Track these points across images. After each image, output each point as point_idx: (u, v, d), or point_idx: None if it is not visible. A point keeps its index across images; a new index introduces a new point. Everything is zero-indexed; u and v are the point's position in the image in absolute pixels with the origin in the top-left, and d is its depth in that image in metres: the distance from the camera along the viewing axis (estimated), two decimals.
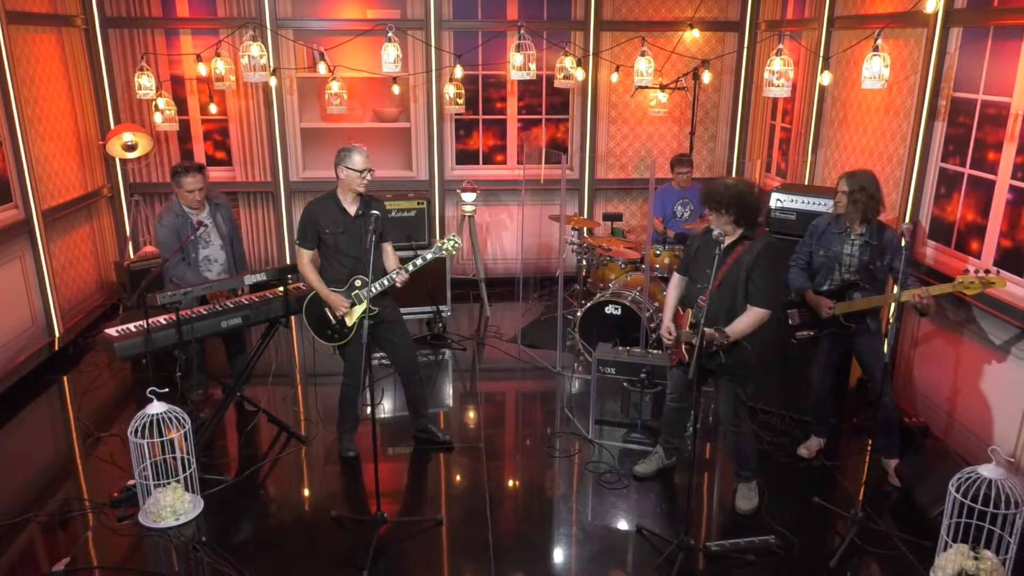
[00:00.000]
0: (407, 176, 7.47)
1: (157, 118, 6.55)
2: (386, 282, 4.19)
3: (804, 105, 6.27)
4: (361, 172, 4.11)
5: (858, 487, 4.41)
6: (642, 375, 4.75)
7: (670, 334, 4.05)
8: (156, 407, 3.87)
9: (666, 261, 6.04)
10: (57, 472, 4.48)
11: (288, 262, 7.49)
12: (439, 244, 4.15)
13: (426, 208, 6.41)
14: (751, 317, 3.76)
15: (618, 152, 7.61)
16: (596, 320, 5.73)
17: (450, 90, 6.88)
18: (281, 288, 4.51)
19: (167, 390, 3.90)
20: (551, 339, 6.22)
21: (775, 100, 6.96)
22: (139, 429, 3.83)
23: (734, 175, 7.41)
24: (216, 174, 7.37)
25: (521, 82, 7.41)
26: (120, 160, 6.96)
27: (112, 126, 6.84)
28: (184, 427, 3.91)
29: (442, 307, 6.45)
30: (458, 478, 4.48)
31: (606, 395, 4.94)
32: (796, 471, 4.51)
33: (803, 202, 4.77)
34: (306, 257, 4.26)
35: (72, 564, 3.62)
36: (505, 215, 7.72)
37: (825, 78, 5.47)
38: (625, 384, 4.82)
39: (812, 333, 4.31)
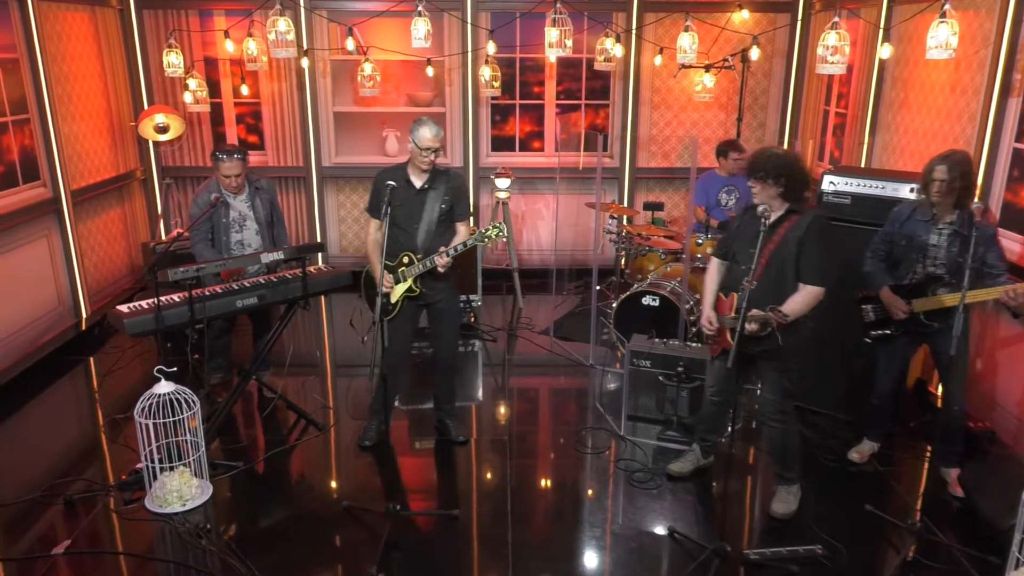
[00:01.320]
0: (441, 162, 7.19)
1: (187, 98, 6.46)
2: (428, 263, 3.91)
3: (861, 86, 5.87)
4: (423, 150, 3.85)
5: (915, 495, 4.04)
6: (679, 369, 4.44)
7: (711, 323, 3.74)
8: (163, 387, 3.70)
9: (708, 251, 5.69)
10: (72, 453, 4.36)
11: (330, 250, 7.34)
12: (482, 230, 3.88)
13: (465, 179, 6.16)
14: (805, 296, 3.44)
15: (660, 139, 7.28)
16: (633, 312, 5.42)
17: (486, 72, 6.65)
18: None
19: (175, 369, 3.73)
20: (585, 332, 5.93)
21: (828, 84, 6.56)
22: (145, 409, 3.67)
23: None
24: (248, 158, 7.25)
25: (560, 66, 7.14)
26: (153, 143, 6.90)
27: (145, 108, 6.77)
28: (193, 408, 3.74)
29: (472, 297, 6.21)
30: (481, 473, 4.23)
31: (640, 390, 4.65)
32: (846, 476, 4.15)
33: (858, 185, 4.40)
34: (372, 227, 4.12)
35: (72, 547, 3.47)
36: (541, 204, 7.45)
37: (885, 51, 5.07)
38: (660, 378, 4.52)
39: (889, 332, 3.94)
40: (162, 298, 3.98)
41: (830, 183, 4.48)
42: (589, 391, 5.22)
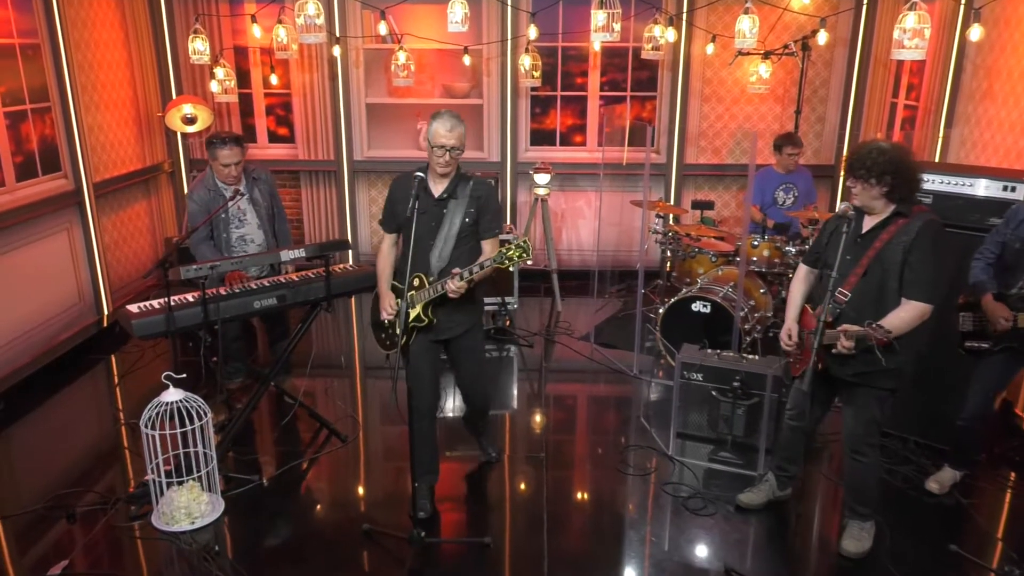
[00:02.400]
0: (477, 157, 6.90)
1: (214, 87, 6.20)
2: (440, 288, 3.24)
3: (936, 76, 5.37)
4: (436, 148, 3.21)
5: (1010, 535, 3.56)
6: (735, 384, 4.02)
7: (790, 338, 3.32)
8: (171, 395, 3.41)
9: (765, 254, 5.26)
10: (85, 460, 4.11)
11: (360, 248, 7.06)
12: (502, 250, 3.09)
13: (495, 187, 5.82)
14: (909, 312, 2.99)
15: (711, 134, 6.84)
16: (681, 319, 5.01)
17: (526, 61, 6.28)
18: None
19: (184, 376, 3.44)
20: (628, 339, 5.53)
21: (897, 75, 6.05)
22: (152, 419, 3.38)
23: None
24: (277, 151, 7.00)
25: (605, 55, 6.73)
26: (181, 134, 6.67)
27: (173, 97, 6.54)
28: (204, 418, 3.44)
29: (508, 299, 5.85)
30: (515, 493, 3.86)
31: (690, 405, 4.24)
32: (924, 509, 3.69)
33: (941, 182, 3.93)
34: (385, 241, 3.57)
35: (69, 568, 3.19)
36: (583, 202, 7.06)
37: (974, 32, 4.57)
38: (714, 393, 4.10)
39: (987, 346, 3.49)
40: (174, 297, 3.70)
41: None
42: (632, 403, 4.83)
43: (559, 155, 6.92)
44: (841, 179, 6.68)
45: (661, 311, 5.14)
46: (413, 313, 3.37)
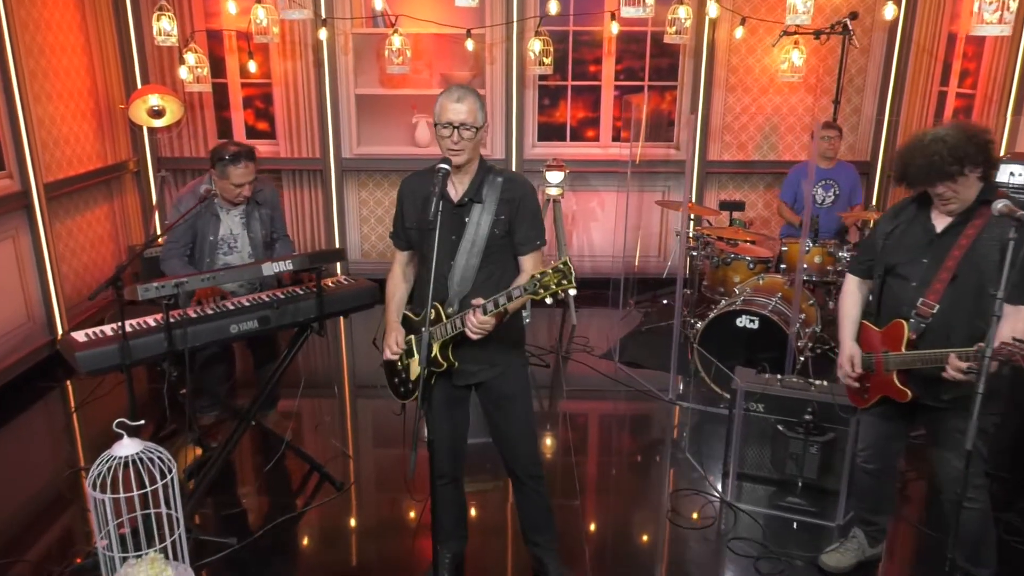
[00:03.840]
0: (482, 154, 6.23)
1: (183, 74, 5.48)
2: (458, 323, 2.52)
3: (999, 60, 4.79)
4: (442, 127, 2.48)
5: None
6: (807, 417, 3.39)
7: (853, 365, 2.73)
8: (126, 447, 2.70)
9: (817, 260, 4.66)
10: (22, 515, 3.39)
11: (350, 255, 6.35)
12: (535, 276, 2.33)
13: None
14: (1018, 321, 2.43)
15: (736, 128, 6.23)
16: (721, 335, 4.39)
17: (535, 46, 5.63)
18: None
19: (142, 422, 2.74)
20: (657, 357, 4.91)
21: (946, 62, 5.47)
22: (98, 478, 2.68)
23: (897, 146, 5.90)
24: (257, 148, 6.26)
25: (620, 40, 6.10)
26: (148, 129, 5.95)
27: (138, 87, 5.81)
28: (168, 474, 2.75)
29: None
30: None
31: (748, 440, 3.61)
32: None
33: None
34: (396, 260, 2.79)
35: None
36: (595, 203, 6.42)
37: None
38: (780, 428, 3.47)
39: None
40: (132, 321, 3.01)
41: (1010, 174, 3.41)
42: (671, 434, 4.19)
43: (570, 151, 6.27)
44: (879, 176, 6.11)
45: (699, 326, 4.51)
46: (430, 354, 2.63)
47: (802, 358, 4.29)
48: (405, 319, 2.74)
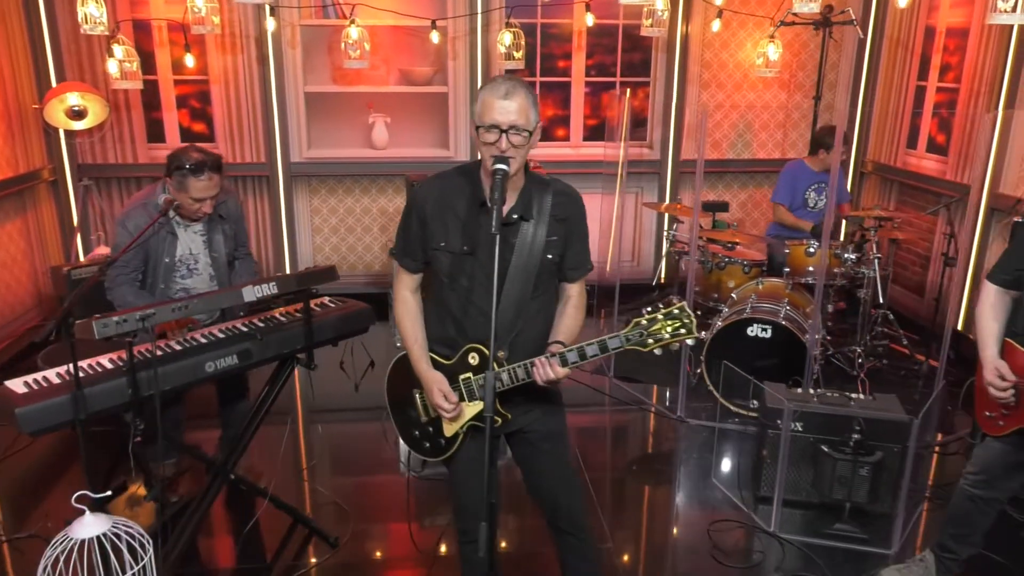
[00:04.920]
0: (442, 156, 5.79)
1: (112, 68, 4.80)
2: (521, 372, 2.09)
3: (985, 54, 4.68)
4: (483, 131, 2.00)
5: None
6: (855, 435, 3.11)
7: (1004, 382, 2.43)
8: (91, 525, 2.14)
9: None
10: None
11: (288, 270, 5.79)
12: (642, 323, 2.00)
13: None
14: None
15: (710, 126, 5.98)
16: (728, 345, 4.10)
17: (505, 38, 5.22)
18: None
19: (108, 493, 2.20)
20: (652, 369, 4.59)
21: (923, 57, 5.37)
22: (50, 566, 2.11)
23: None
24: None
25: (591, 34, 5.76)
26: (66, 132, 5.22)
27: (54, 85, 5.09)
28: (144, 558, 2.20)
29: None
30: None
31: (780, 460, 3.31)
32: None
33: None
34: (402, 284, 2.27)
35: None
36: None
37: None
38: (825, 449, 3.17)
39: None
40: (82, 364, 2.44)
41: None
42: (686, 457, 3.85)
43: (540, 152, 5.89)
44: (851, 171, 5.98)
45: (704, 335, 4.20)
46: (473, 409, 2.18)
47: (817, 367, 4.04)
48: (439, 367, 2.22)
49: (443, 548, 3.07)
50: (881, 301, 4.35)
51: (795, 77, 5.90)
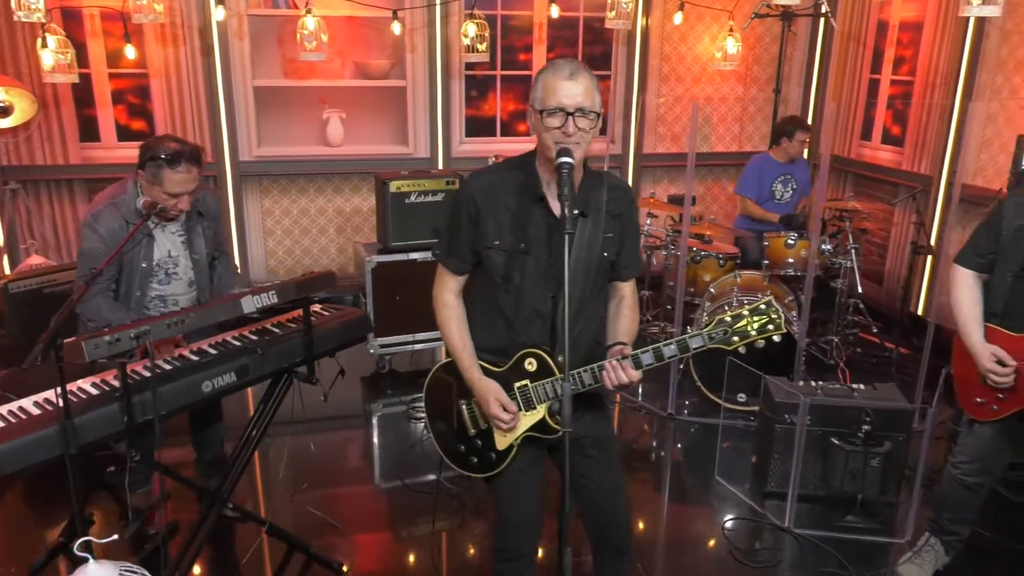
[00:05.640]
0: (401, 153, 5.57)
1: (46, 60, 4.37)
2: (588, 377, 1.98)
3: (942, 47, 4.82)
4: (546, 115, 1.86)
5: None
6: (865, 427, 3.10)
7: (1006, 368, 2.44)
8: (93, 574, 1.89)
9: (803, 254, 4.43)
10: None
11: (252, 275, 5.45)
12: (726, 320, 1.92)
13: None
14: None
15: (669, 119, 5.97)
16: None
17: (469, 30, 5.05)
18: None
19: (114, 538, 1.93)
20: None
21: (876, 49, 5.50)
22: None
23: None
24: (133, 152, 5.22)
25: (552, 27, 5.65)
26: None
27: None
28: None
29: None
30: None
31: (784, 455, 3.28)
32: None
33: None
34: (447, 287, 2.11)
35: None
36: None
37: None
38: (836, 442, 3.16)
39: None
40: (71, 386, 2.16)
41: None
42: (684, 455, 3.80)
43: (500, 147, 5.73)
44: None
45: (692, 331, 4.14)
46: (530, 420, 2.03)
47: (803, 358, 4.05)
48: (490, 374, 2.06)
49: (451, 557, 2.90)
50: (860, 291, 4.39)
51: (751, 71, 5.95)
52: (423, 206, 4.40)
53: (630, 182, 5.95)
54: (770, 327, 1.89)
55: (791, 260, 4.41)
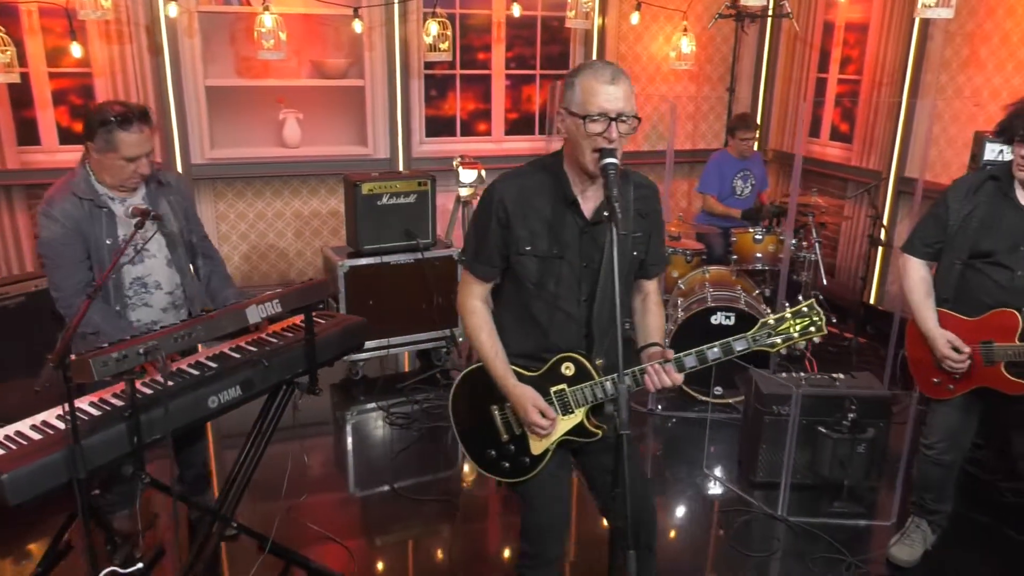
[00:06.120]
0: (360, 154, 5.46)
1: None
2: (630, 382, 1.93)
3: (889, 47, 5.03)
4: (588, 122, 1.82)
5: None
6: (851, 415, 3.21)
7: (960, 354, 2.58)
8: None
9: (770, 248, 4.55)
10: None
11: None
12: (769, 323, 1.94)
13: (429, 191, 4.47)
14: None
15: None
16: (693, 335, 4.13)
17: (432, 28, 4.98)
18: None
19: (140, 566, 1.82)
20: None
21: (823, 49, 5.70)
22: None
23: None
24: (76, 156, 4.96)
25: (511, 26, 5.63)
26: None
27: None
28: None
29: (455, 329, 4.56)
30: None
31: (773, 445, 3.37)
32: None
33: None
34: (475, 293, 2.07)
35: None
36: None
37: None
38: (823, 430, 3.26)
39: None
40: (58, 412, 2.02)
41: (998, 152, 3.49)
42: (670, 448, 3.86)
43: (461, 147, 5.66)
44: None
45: (670, 327, 4.21)
46: (567, 424, 2.02)
47: (782, 353, 4.16)
48: (524, 379, 2.03)
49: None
50: (825, 283, 4.55)
51: (704, 70, 6.08)
52: (395, 208, 4.33)
53: None
54: (812, 328, 1.93)
55: (759, 255, 4.53)
